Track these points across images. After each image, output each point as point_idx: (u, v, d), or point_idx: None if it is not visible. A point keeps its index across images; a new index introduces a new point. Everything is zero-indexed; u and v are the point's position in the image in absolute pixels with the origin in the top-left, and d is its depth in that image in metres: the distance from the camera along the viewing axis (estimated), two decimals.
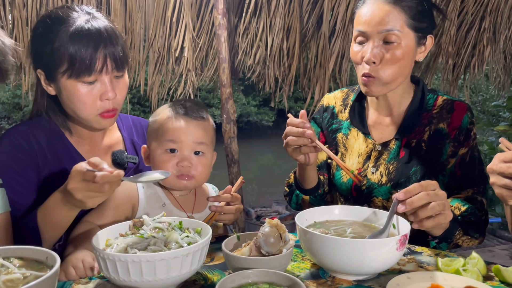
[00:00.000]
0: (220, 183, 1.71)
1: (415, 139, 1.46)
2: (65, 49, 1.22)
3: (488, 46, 3.83)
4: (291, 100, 13.94)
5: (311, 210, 1.19)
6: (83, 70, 1.23)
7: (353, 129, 1.56)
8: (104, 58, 1.25)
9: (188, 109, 1.31)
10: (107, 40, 1.25)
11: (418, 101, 1.49)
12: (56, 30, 1.24)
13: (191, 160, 1.28)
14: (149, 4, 3.21)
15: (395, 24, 1.34)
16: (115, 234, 1.05)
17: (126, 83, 1.35)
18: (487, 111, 5.80)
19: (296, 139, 1.29)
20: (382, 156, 1.49)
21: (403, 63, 1.37)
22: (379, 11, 1.36)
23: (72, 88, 1.26)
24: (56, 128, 1.38)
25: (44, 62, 1.28)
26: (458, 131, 1.43)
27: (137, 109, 12.57)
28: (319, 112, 1.69)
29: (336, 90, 1.71)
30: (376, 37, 1.35)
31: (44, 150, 1.33)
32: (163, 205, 1.30)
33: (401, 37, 1.34)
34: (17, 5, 2.93)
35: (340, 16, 3.36)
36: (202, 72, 3.56)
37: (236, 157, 3.11)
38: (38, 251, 0.86)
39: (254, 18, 3.36)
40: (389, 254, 0.97)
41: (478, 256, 1.07)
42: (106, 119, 1.32)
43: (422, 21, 1.38)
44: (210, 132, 1.33)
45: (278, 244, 1.00)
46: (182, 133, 1.27)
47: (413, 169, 1.44)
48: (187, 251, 0.91)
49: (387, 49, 1.35)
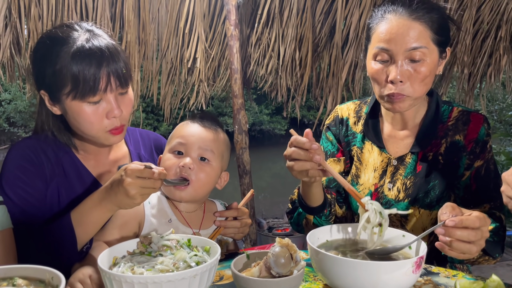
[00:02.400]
0: (232, 192, 1.69)
1: (432, 152, 1.41)
2: (67, 71, 1.22)
3: (505, 55, 3.76)
4: (304, 108, 13.91)
5: (323, 228, 1.15)
6: (87, 91, 1.22)
7: (367, 143, 1.51)
8: (107, 76, 1.24)
9: (204, 119, 1.34)
10: (109, 58, 1.24)
11: (433, 113, 1.44)
12: (57, 51, 1.23)
13: (194, 162, 1.26)
14: (162, 15, 3.23)
15: (421, 40, 1.28)
16: (123, 252, 1.03)
17: (131, 99, 1.35)
18: (504, 121, 5.68)
19: (303, 164, 1.18)
20: (399, 171, 1.44)
21: (429, 79, 1.33)
22: (404, 27, 1.29)
23: (78, 108, 1.26)
24: (62, 143, 1.37)
25: (47, 84, 1.27)
26: (474, 143, 1.38)
27: (151, 118, 12.66)
28: (335, 123, 1.63)
29: (348, 102, 1.66)
30: (402, 55, 1.29)
31: (51, 163, 1.33)
32: (169, 221, 1.28)
33: (427, 53, 1.29)
34: (33, 17, 2.97)
35: (353, 26, 3.33)
36: (214, 83, 3.56)
37: (248, 167, 3.08)
38: (42, 270, 0.85)
39: (266, 28, 3.35)
40: (404, 277, 0.94)
41: (498, 279, 1.02)
42: (115, 136, 1.32)
43: (443, 35, 1.34)
44: (220, 144, 1.33)
45: (288, 265, 0.96)
46: (191, 135, 1.29)
47: (431, 183, 1.39)
48: (194, 272, 0.89)
49: (414, 67, 1.29)
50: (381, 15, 1.35)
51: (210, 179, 1.29)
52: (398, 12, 1.32)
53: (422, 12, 1.30)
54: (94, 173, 1.40)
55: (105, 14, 3.03)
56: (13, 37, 3.02)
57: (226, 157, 1.36)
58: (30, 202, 1.28)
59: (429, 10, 1.32)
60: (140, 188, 1.09)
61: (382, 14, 1.35)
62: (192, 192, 1.26)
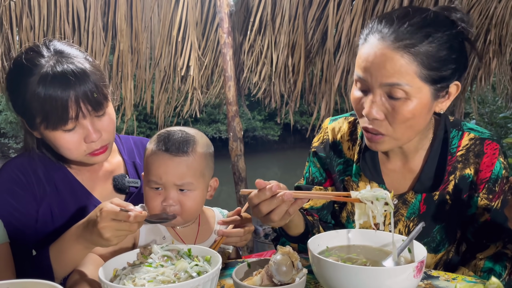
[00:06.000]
0: (227, 199, 1.67)
1: (438, 191, 1.24)
2: (35, 101, 1.18)
3: (494, 58, 3.82)
4: (297, 114, 13.95)
5: (324, 234, 1.15)
6: (57, 121, 1.18)
7: (364, 175, 1.32)
8: (76, 104, 1.18)
9: (170, 144, 1.19)
10: (76, 83, 1.17)
11: (440, 143, 1.22)
12: (25, 82, 1.19)
13: (175, 198, 1.19)
14: (155, 24, 3.24)
15: (401, 76, 1.03)
16: (123, 263, 1.02)
17: (111, 119, 1.28)
18: (495, 123, 5.74)
19: (280, 209, 1.04)
20: (400, 211, 1.27)
21: (415, 122, 1.10)
22: (382, 57, 1.04)
23: (53, 137, 1.23)
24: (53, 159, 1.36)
25: (21, 113, 1.25)
26: (488, 184, 1.22)
27: (144, 126, 12.62)
28: (324, 147, 1.39)
29: (340, 117, 1.41)
30: (377, 88, 1.07)
31: (42, 182, 1.31)
32: (163, 238, 1.25)
33: (412, 92, 1.05)
34: (25, 27, 2.96)
35: (345, 32, 3.36)
36: (208, 90, 3.56)
37: (244, 174, 3.08)
38: (43, 285, 0.84)
39: (259, 35, 3.37)
40: (406, 282, 0.94)
41: (498, 281, 1.03)
42: (98, 156, 1.28)
43: (443, 69, 1.06)
44: (196, 166, 1.20)
45: (290, 272, 0.96)
46: (163, 173, 1.18)
47: (437, 226, 1.25)
48: (196, 283, 0.88)
49: (393, 105, 1.07)
50: (366, 35, 1.12)
51: (197, 202, 1.23)
52: (382, 35, 1.07)
53: (412, 40, 1.04)
54: (88, 186, 1.38)
55: (97, 23, 3.03)
56: (5, 47, 3.00)
57: (209, 170, 1.26)
58: (18, 226, 1.26)
59: (424, 37, 1.04)
60: (115, 231, 1.03)
61: (367, 33, 1.12)
62: (182, 220, 1.22)
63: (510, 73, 4.18)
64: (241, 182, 3.08)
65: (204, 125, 13.97)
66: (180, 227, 1.27)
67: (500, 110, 5.91)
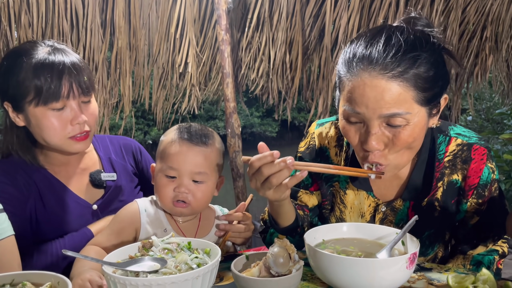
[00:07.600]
0: (225, 195, 1.68)
1: (426, 198, 1.25)
2: (30, 81, 1.26)
3: (491, 55, 3.84)
4: (295, 110, 13.95)
5: (320, 228, 1.18)
6: (50, 97, 1.27)
7: (351, 183, 1.31)
8: (69, 84, 1.29)
9: (192, 133, 1.27)
10: (71, 70, 1.30)
11: (426, 152, 1.23)
12: (20, 62, 1.28)
13: (188, 187, 1.25)
14: (153, 21, 3.25)
15: (401, 105, 1.03)
16: (124, 256, 1.05)
17: (95, 108, 1.39)
18: (492, 119, 5.78)
19: (279, 174, 1.04)
20: (388, 218, 1.28)
21: (417, 142, 1.12)
22: (378, 88, 1.02)
23: (41, 115, 1.29)
24: None
25: (10, 95, 1.31)
26: (476, 190, 1.23)
27: (141, 123, 12.62)
28: (310, 154, 1.38)
29: (327, 121, 1.39)
30: (376, 120, 1.06)
31: (23, 185, 1.35)
32: (165, 231, 1.29)
33: (410, 118, 1.05)
34: (23, 24, 2.97)
35: (342, 28, 3.38)
36: (206, 87, 3.58)
37: (241, 171, 3.11)
38: (48, 276, 0.87)
39: (256, 32, 3.39)
40: (399, 273, 0.97)
41: (488, 272, 1.06)
42: (79, 142, 1.34)
43: (434, 87, 1.07)
44: (213, 159, 1.28)
45: (287, 264, 0.99)
46: (182, 161, 1.24)
47: (426, 233, 1.26)
48: (197, 274, 0.91)
49: (394, 132, 1.07)
50: (348, 65, 1.08)
51: (208, 195, 1.29)
52: (369, 64, 1.04)
53: (402, 67, 1.02)
54: (68, 183, 1.43)
55: (95, 20, 3.04)
56: (3, 44, 3.01)
57: (220, 166, 1.33)
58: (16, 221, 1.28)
59: (412, 60, 1.03)
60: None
61: (350, 63, 1.07)
62: (191, 210, 1.28)
63: (506, 70, 4.21)
64: (239, 178, 3.11)
65: (202, 121, 13.96)
66: (182, 221, 1.30)
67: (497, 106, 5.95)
